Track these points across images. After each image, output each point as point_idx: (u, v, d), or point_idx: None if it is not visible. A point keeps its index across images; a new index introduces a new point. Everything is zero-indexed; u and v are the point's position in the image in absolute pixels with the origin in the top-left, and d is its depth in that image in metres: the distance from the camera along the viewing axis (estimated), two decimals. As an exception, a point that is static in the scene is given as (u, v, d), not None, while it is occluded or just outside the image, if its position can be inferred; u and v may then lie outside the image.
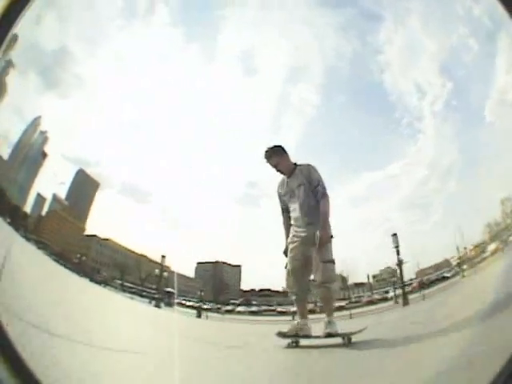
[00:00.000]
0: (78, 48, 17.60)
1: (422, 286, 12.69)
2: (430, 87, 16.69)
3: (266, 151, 5.05)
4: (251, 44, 22.82)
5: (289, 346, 4.11)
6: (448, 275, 12.41)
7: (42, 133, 15.21)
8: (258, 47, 22.54)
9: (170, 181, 20.66)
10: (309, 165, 4.93)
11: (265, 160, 5.07)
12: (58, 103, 16.95)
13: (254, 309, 16.43)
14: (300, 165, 5.04)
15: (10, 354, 1.14)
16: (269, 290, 16.82)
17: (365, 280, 15.57)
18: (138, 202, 22.77)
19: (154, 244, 18.84)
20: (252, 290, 18.11)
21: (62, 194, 18.43)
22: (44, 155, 15.45)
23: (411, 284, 13.00)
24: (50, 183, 16.92)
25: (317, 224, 4.61)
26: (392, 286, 13.61)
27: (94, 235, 18.86)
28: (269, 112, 23.00)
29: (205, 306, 17.94)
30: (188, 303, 18.22)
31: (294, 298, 4.61)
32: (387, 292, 13.94)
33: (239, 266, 20.87)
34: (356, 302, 14.51)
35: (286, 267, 4.80)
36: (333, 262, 4.59)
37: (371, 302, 14.22)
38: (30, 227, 14.71)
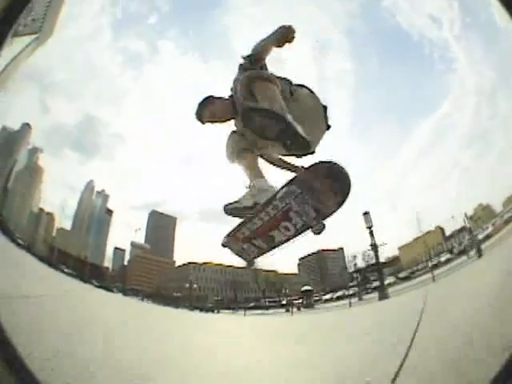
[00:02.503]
0: (101, 112, 18.69)
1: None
2: (441, 13, 16.00)
3: None
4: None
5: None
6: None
7: (100, 194, 16.26)
8: None
9: (239, 192, 20.95)
10: None
11: None
12: (106, 164, 18.10)
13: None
14: None
15: (9, 353, 1.12)
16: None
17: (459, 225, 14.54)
18: (219, 223, 23.43)
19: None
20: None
21: (141, 239, 19.51)
22: (109, 212, 16.49)
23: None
24: (125, 234, 17.97)
25: None
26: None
27: (190, 262, 19.04)
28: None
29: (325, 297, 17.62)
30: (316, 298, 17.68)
31: None
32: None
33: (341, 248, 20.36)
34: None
35: None
36: None
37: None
38: (116, 279, 15.70)
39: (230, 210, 2.60)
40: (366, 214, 10.75)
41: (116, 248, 17.00)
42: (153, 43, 21.01)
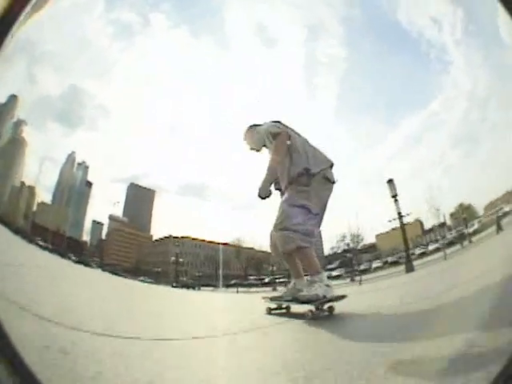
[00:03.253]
0: (88, 84, 18.09)
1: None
2: (443, 17, 15.85)
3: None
4: (259, 19, 22.11)
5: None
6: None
7: (80, 166, 15.94)
8: (267, 19, 21.77)
9: (223, 168, 20.85)
10: None
11: None
12: (88, 136, 17.67)
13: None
14: None
15: (9, 353, 1.12)
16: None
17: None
18: (195, 197, 23.34)
19: (222, 232, 19.26)
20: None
21: (119, 212, 19.38)
22: (89, 185, 16.24)
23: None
24: (104, 207, 17.80)
25: None
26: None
27: (169, 236, 18.90)
28: (301, 77, 22.39)
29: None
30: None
31: None
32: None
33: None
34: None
35: None
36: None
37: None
38: (96, 254, 15.63)
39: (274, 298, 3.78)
40: (390, 181, 11.11)
41: (94, 221, 16.81)
42: (145, 15, 20.20)
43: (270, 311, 3.66)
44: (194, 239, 19.33)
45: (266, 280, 18.56)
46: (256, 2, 20.83)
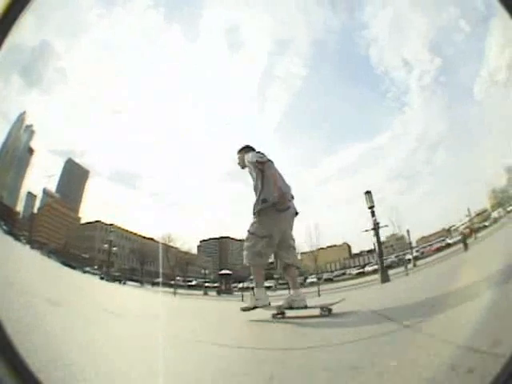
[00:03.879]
0: (58, 42, 17.13)
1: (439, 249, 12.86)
2: (417, 62, 16.77)
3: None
4: (235, 19, 22.25)
5: (274, 317, 4.22)
6: (450, 242, 12.60)
7: (27, 129, 14.89)
8: (242, 22, 21.97)
9: (157, 162, 20.47)
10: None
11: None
12: (42, 99, 16.62)
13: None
14: None
15: (9, 353, 1.15)
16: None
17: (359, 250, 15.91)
18: (129, 187, 22.69)
19: (152, 227, 18.80)
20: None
21: (53, 187, 18.27)
22: (31, 152, 15.17)
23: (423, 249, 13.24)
24: (40, 179, 16.68)
25: None
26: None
27: (97, 221, 18.24)
28: (254, 85, 22.65)
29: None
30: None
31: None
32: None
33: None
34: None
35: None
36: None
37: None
38: (24, 227, 14.59)
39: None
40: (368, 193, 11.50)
41: (29, 192, 15.75)
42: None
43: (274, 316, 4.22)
44: (122, 229, 18.76)
45: (193, 283, 18.58)
46: (237, 3, 21.03)
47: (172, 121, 21.52)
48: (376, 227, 11.81)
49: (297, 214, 4.58)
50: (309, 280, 15.59)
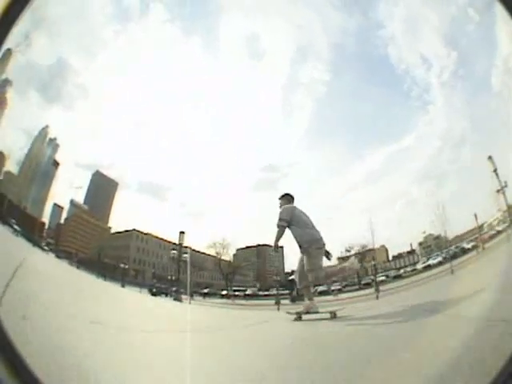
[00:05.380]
0: (76, 59, 17.58)
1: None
2: (435, 58, 16.41)
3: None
4: (254, 29, 22.31)
5: (296, 320, 5.70)
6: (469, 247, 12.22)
7: (51, 143, 15.32)
8: (261, 31, 22.03)
9: (185, 173, 20.60)
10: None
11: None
12: (64, 114, 17.06)
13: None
14: None
15: (9, 353, 1.16)
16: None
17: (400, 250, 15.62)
18: (158, 197, 22.92)
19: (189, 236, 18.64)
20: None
21: (81, 198, 18.65)
22: (56, 164, 15.59)
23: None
24: (66, 191, 17.07)
25: None
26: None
27: (133, 230, 18.06)
28: (279, 94, 22.68)
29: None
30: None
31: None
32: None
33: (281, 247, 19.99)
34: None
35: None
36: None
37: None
38: (51, 238, 14.90)
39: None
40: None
41: (55, 204, 16.12)
42: (146, 3, 20.09)
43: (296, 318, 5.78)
44: (158, 238, 18.38)
45: (248, 292, 18.23)
46: (253, 12, 21.09)
47: (199, 132, 21.64)
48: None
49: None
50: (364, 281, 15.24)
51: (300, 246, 5.93)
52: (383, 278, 14.81)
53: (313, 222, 6.04)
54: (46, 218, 14.34)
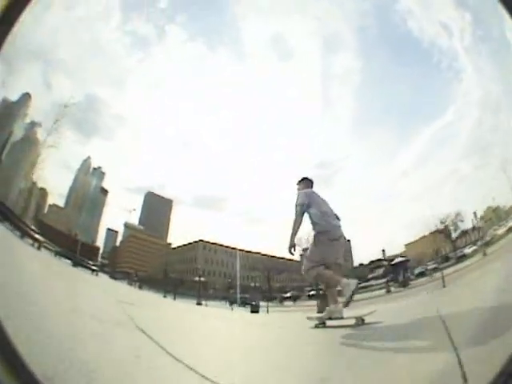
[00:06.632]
0: (105, 92, 18.41)
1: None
2: (452, 22, 15.82)
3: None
4: (275, 30, 22.24)
5: (317, 326, 5.00)
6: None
7: (96, 173, 16.06)
8: (283, 31, 21.89)
9: (238, 181, 20.75)
10: None
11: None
12: (105, 144, 17.86)
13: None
14: None
15: (9, 354, 1.16)
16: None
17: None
18: (214, 209, 23.26)
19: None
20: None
21: (134, 220, 19.41)
22: (104, 192, 16.30)
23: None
24: (118, 215, 17.83)
25: None
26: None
27: (199, 241, 17.72)
28: (317, 91, 22.39)
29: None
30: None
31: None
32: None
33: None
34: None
35: None
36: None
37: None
38: (108, 262, 15.49)
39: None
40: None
41: (109, 229, 16.80)
42: (161, 27, 20.58)
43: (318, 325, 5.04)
44: (226, 246, 18.09)
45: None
46: (271, 14, 20.98)
47: (245, 140, 21.92)
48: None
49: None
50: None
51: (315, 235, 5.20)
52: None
53: (335, 213, 5.34)
54: (100, 243, 15.01)
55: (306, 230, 5.48)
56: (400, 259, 14.45)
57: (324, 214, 5.16)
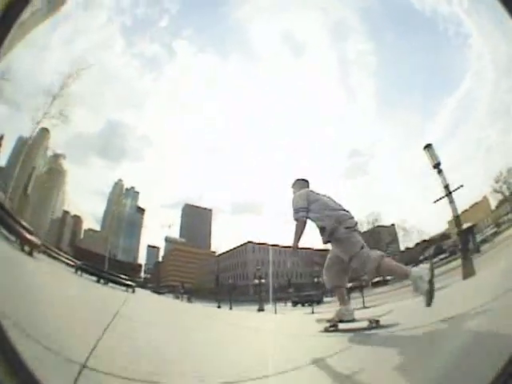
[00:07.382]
0: (125, 116, 18.84)
1: None
2: None
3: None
4: (283, 27, 22.19)
5: (327, 330, 4.50)
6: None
7: (129, 194, 16.43)
8: (291, 26, 21.78)
9: (273, 183, 20.68)
10: None
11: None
12: (135, 165, 18.28)
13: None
14: None
15: (9, 353, 1.18)
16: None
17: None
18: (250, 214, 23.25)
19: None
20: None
21: (175, 234, 19.81)
22: (141, 211, 16.64)
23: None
24: (158, 231, 18.18)
25: None
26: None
27: (249, 241, 17.13)
28: (336, 80, 22.08)
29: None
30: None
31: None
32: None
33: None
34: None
35: None
36: None
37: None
38: (152, 278, 15.69)
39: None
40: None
41: (149, 246, 17.08)
42: (167, 45, 20.98)
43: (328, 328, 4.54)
44: (274, 245, 16.95)
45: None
46: (274, 13, 20.86)
47: (274, 140, 21.99)
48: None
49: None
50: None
51: (322, 234, 4.59)
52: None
53: (339, 203, 4.80)
54: (142, 260, 15.25)
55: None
56: (467, 225, 13.88)
57: (327, 207, 4.71)
